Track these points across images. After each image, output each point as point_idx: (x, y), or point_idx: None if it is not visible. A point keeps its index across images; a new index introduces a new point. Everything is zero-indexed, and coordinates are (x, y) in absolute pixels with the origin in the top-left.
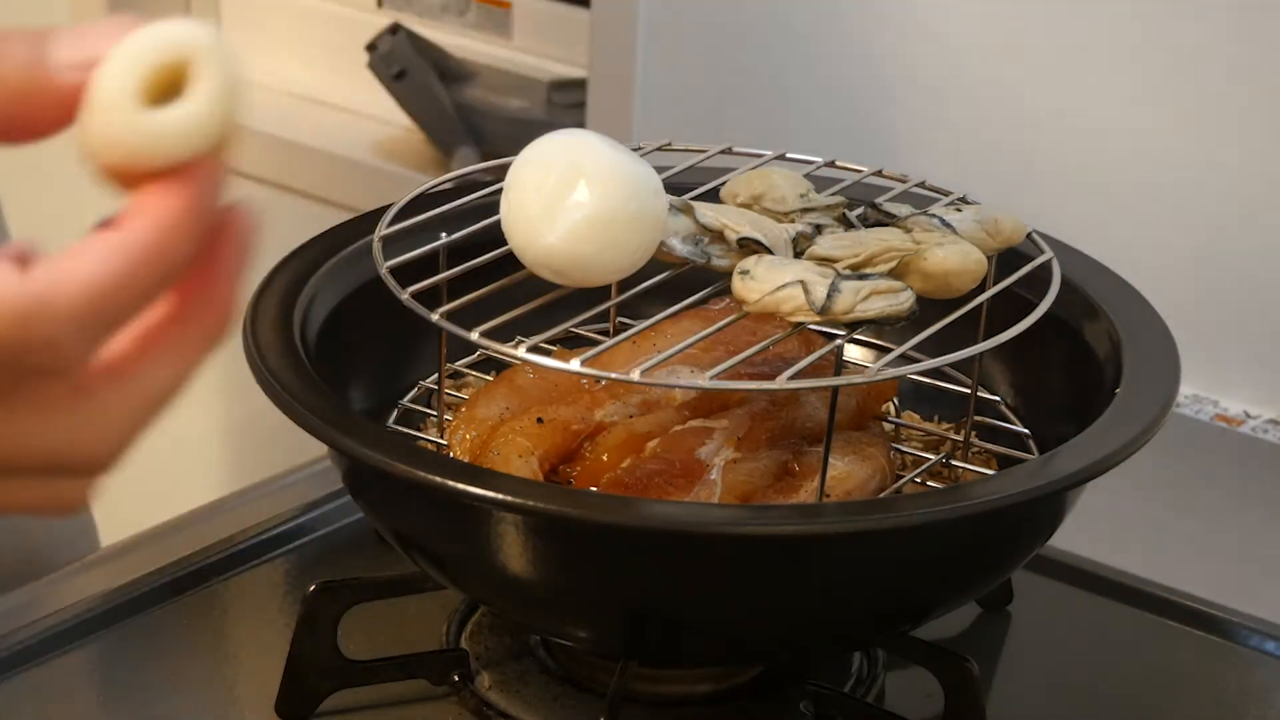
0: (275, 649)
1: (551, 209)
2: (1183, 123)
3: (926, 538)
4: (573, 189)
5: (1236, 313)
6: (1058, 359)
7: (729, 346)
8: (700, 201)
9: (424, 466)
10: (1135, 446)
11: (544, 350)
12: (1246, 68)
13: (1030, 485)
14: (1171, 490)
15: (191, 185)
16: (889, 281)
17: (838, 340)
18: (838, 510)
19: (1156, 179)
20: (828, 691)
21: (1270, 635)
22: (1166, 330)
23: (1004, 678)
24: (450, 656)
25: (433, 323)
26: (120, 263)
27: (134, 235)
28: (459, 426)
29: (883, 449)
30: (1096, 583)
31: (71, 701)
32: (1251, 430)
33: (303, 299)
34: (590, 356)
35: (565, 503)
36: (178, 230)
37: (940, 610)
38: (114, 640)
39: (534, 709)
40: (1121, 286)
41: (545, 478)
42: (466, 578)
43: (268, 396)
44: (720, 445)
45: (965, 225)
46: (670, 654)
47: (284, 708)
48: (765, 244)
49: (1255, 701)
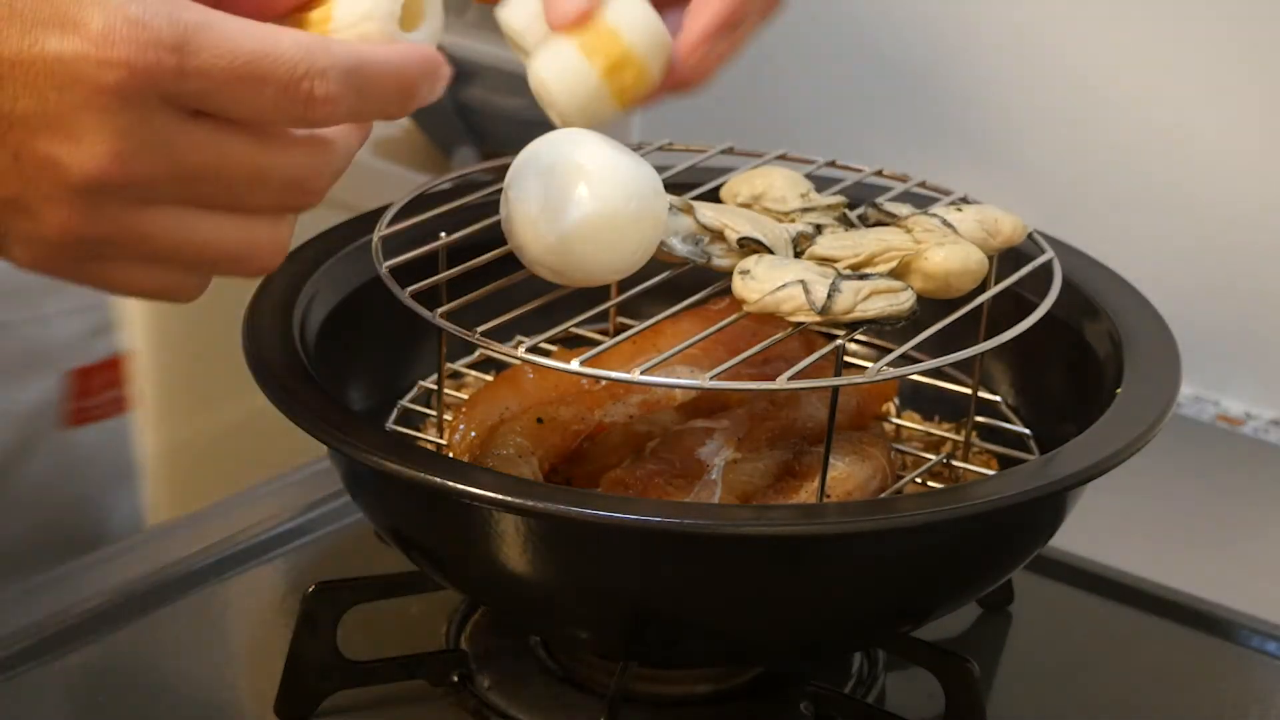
0: (275, 649)
1: (552, 209)
2: (1183, 122)
3: (926, 538)
4: (573, 189)
5: (1237, 313)
6: (1058, 359)
7: (729, 346)
8: (700, 201)
9: (424, 466)
10: (1136, 447)
11: (544, 350)
12: (1246, 68)
13: (1031, 485)
14: (1172, 490)
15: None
16: (889, 281)
17: (838, 340)
18: (838, 510)
19: (1157, 178)
20: (828, 692)
21: (1270, 635)
22: (1167, 330)
23: (1004, 678)
24: (450, 656)
25: (432, 323)
26: (393, 61)
27: (410, 56)
28: (459, 426)
29: (883, 449)
30: (1096, 583)
31: (71, 701)
32: (1253, 430)
33: (302, 299)
34: (590, 356)
35: (565, 503)
36: (430, 78)
37: (941, 610)
38: (114, 640)
39: (534, 709)
40: (1122, 286)
41: (545, 478)
42: (466, 578)
43: (267, 396)
44: (720, 445)
45: (966, 225)
46: (670, 654)
47: (284, 708)
48: (765, 244)
49: (1255, 701)
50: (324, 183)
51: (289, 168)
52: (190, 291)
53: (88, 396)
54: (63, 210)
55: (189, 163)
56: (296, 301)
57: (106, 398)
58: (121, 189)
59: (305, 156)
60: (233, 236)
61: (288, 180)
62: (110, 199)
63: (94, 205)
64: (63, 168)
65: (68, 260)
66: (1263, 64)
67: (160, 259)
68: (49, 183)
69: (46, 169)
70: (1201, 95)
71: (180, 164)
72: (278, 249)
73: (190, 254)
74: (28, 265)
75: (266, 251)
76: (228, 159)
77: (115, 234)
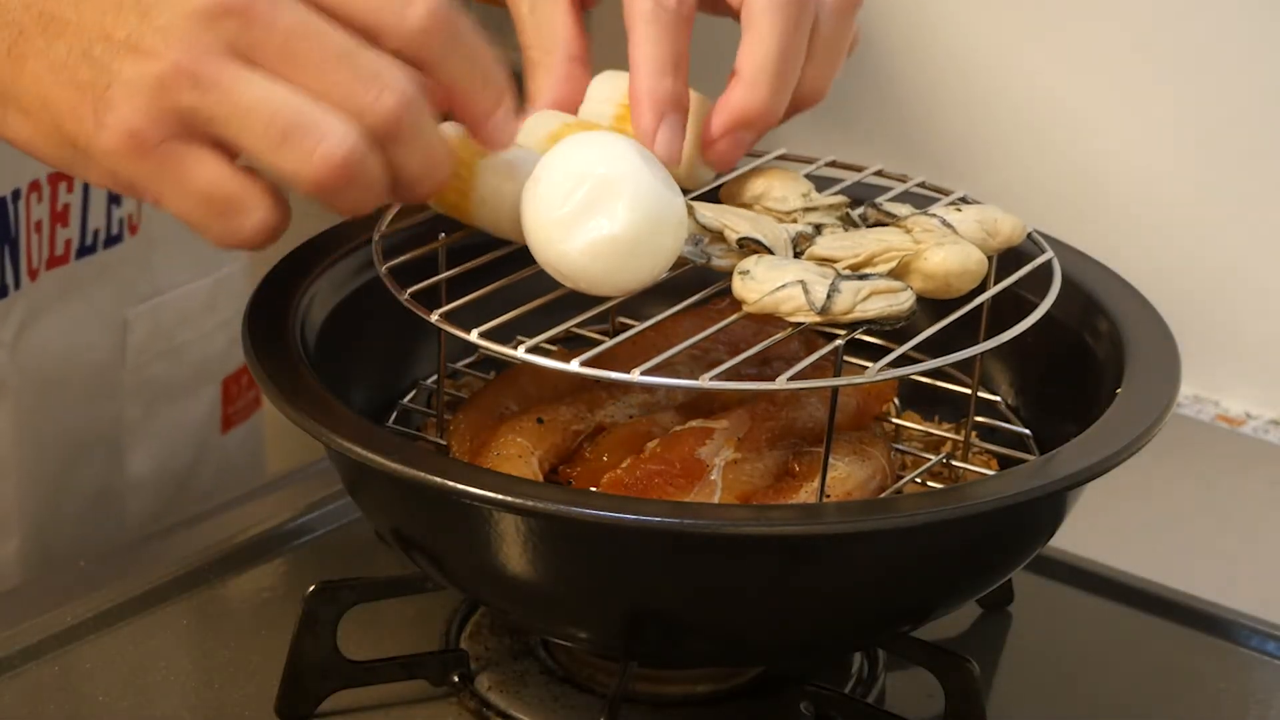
0: (275, 649)
1: (576, 218)
2: (1183, 122)
3: (926, 538)
4: (603, 206)
5: (1237, 313)
6: (1058, 359)
7: (729, 346)
8: (700, 202)
9: (424, 466)
10: (1136, 447)
11: (544, 350)
12: (1246, 68)
13: (1030, 485)
14: (1172, 490)
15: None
16: (889, 282)
17: (838, 340)
18: (838, 510)
19: (1156, 178)
20: (828, 692)
21: (1270, 635)
22: (1167, 330)
23: (1004, 678)
24: (450, 656)
25: (432, 323)
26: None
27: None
28: (459, 426)
29: (883, 449)
30: (1096, 583)
31: (71, 701)
32: (1253, 431)
33: (303, 299)
34: (590, 357)
35: (565, 502)
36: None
37: (941, 610)
38: (114, 640)
39: (534, 709)
40: (1122, 286)
41: (545, 478)
42: (466, 578)
43: (267, 396)
44: (720, 445)
45: (965, 225)
46: (671, 654)
47: (284, 708)
48: (765, 244)
49: (1255, 701)
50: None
51: (375, 63)
52: (253, 218)
53: (233, 402)
54: (172, 37)
55: (291, 19)
56: (296, 301)
57: (247, 399)
58: (227, 20)
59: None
60: (314, 111)
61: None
62: (216, 30)
63: (201, 35)
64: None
65: (157, 127)
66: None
67: (243, 120)
68: (165, 12)
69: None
70: (1201, 95)
71: (282, 18)
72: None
73: (274, 124)
74: (113, 144)
75: (392, 92)
76: (327, 31)
77: (211, 74)
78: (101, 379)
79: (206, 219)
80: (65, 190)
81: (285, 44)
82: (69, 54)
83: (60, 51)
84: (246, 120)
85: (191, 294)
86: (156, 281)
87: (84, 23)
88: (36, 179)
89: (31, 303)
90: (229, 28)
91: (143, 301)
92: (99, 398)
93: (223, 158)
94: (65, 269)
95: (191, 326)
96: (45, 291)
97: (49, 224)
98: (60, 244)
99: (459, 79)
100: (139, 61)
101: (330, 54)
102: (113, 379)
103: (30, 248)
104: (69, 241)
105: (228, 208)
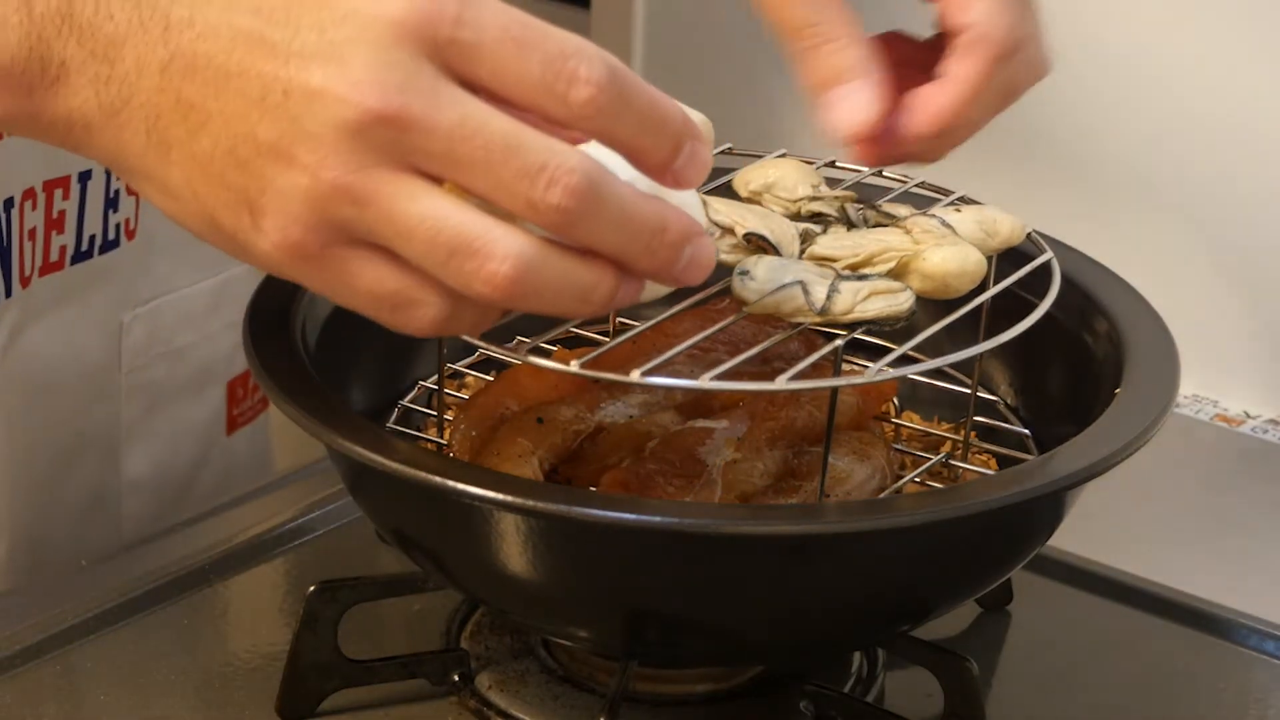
0: (275, 649)
1: None
2: (1183, 122)
3: (926, 538)
4: None
5: (1236, 313)
6: (1058, 359)
7: (729, 347)
8: (714, 196)
9: (424, 466)
10: (1135, 446)
11: (544, 350)
12: (1246, 68)
13: (1030, 485)
14: (1171, 490)
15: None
16: (888, 282)
17: (837, 341)
18: (838, 510)
19: (1156, 178)
20: (828, 692)
21: (1270, 635)
22: (1166, 330)
23: (1004, 678)
24: (450, 656)
25: None
26: (657, 97)
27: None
28: (459, 426)
29: (882, 449)
30: (1096, 583)
31: (71, 701)
32: (1252, 430)
33: (303, 299)
34: (590, 357)
35: (565, 502)
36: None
37: (940, 610)
38: (114, 640)
39: (534, 709)
40: (1121, 286)
41: (545, 478)
42: (467, 578)
43: (268, 395)
44: (720, 445)
45: (964, 226)
46: (670, 654)
47: (284, 708)
48: (770, 240)
49: (1255, 701)
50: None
51: (541, 152)
52: (425, 313)
53: (238, 404)
54: (324, 149)
55: (450, 118)
56: (297, 302)
57: (253, 401)
58: (382, 129)
59: (552, 152)
60: (478, 227)
61: (537, 166)
62: (371, 140)
63: (354, 147)
64: (329, 98)
65: (317, 236)
66: (1262, 64)
67: (406, 239)
68: (315, 118)
69: (315, 101)
70: (1201, 95)
71: (441, 119)
72: (514, 266)
73: (437, 244)
74: (272, 248)
75: (503, 268)
76: (488, 125)
77: (369, 190)
78: (96, 382)
79: (378, 314)
80: (61, 197)
81: (448, 148)
82: (214, 150)
83: (205, 146)
84: (410, 240)
85: (193, 297)
86: (155, 285)
87: (227, 116)
88: (31, 187)
89: (24, 309)
90: (384, 137)
91: (140, 305)
92: (94, 400)
93: (388, 260)
94: (60, 275)
95: (193, 329)
96: (39, 298)
97: (44, 231)
98: (55, 250)
99: (630, 140)
100: (291, 172)
101: (495, 150)
102: (108, 382)
103: (23, 255)
104: (64, 248)
105: (397, 304)
